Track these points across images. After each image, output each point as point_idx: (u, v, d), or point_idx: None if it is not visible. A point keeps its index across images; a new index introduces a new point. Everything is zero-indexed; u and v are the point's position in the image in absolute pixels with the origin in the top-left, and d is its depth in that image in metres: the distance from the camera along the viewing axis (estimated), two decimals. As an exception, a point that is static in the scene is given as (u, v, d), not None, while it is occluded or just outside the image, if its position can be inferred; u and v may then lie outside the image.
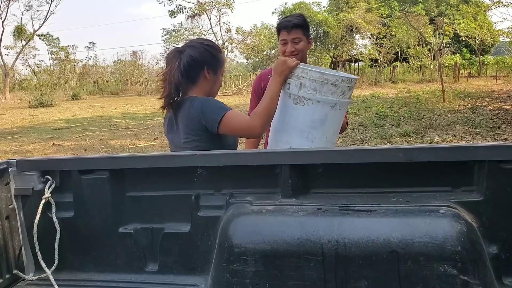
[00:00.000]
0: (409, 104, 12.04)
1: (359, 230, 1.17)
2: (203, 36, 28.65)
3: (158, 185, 1.44)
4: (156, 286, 1.40)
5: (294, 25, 2.07)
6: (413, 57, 27.72)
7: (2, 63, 26.47)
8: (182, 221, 1.42)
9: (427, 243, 1.10)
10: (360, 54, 28.41)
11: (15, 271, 1.47)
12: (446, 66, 25.04)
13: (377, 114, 9.98)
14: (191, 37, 28.27)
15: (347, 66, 32.18)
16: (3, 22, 26.66)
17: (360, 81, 24.52)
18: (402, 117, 9.43)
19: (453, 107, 10.75)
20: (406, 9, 21.20)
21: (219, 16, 28.16)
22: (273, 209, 1.28)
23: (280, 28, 2.12)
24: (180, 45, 1.98)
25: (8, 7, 26.54)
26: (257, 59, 30.91)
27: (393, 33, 26.43)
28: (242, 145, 2.48)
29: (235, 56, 32.54)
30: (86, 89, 27.90)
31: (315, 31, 25.05)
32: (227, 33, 29.00)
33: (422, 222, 1.14)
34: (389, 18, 27.27)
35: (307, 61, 2.22)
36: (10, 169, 1.48)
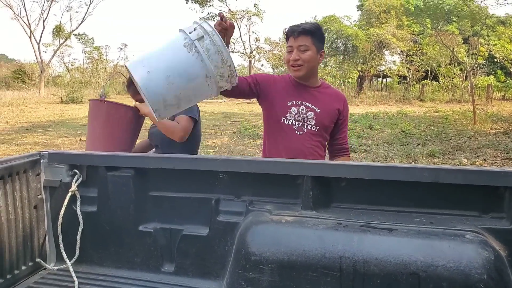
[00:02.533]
0: (437, 124, 11.75)
1: (380, 248, 1.14)
2: (231, 45, 29.00)
3: (180, 186, 1.46)
4: (171, 287, 1.41)
5: (302, 30, 1.80)
6: (444, 76, 27.12)
7: (40, 60, 27.62)
8: (200, 224, 1.43)
9: (451, 268, 1.06)
10: (388, 70, 28.02)
11: (38, 260, 1.52)
12: (479, 87, 24.34)
13: (403, 131, 9.79)
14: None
15: (375, 81, 31.79)
16: (44, 21, 27.88)
17: (387, 97, 24.15)
18: (429, 137, 9.20)
19: (484, 130, 10.41)
20: (439, 27, 20.78)
21: (249, 25, 28.48)
22: (292, 220, 1.27)
23: (287, 33, 1.87)
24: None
25: (50, 7, 27.76)
26: (283, 69, 30.97)
27: (424, 50, 25.96)
28: (261, 152, 2.25)
29: (262, 65, 32.77)
30: (115, 89, 28.67)
31: (344, 45, 24.94)
32: (255, 42, 29.28)
33: (447, 246, 1.10)
34: (421, 35, 26.84)
35: (318, 76, 1.95)
36: (42, 161, 1.53)
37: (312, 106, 1.87)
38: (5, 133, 9.58)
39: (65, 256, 1.48)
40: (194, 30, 1.51)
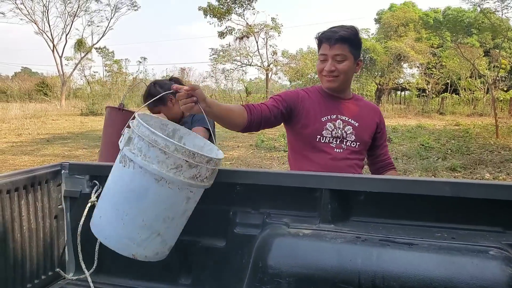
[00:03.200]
0: (457, 138, 11.51)
1: (399, 263, 1.12)
2: (249, 58, 29.36)
3: None
4: None
5: (340, 37, 1.60)
6: (464, 89, 26.64)
7: (61, 73, 28.52)
8: (218, 237, 1.43)
9: (473, 285, 1.03)
10: (407, 83, 27.74)
11: (57, 270, 1.54)
12: (501, 101, 23.79)
13: (423, 145, 9.62)
14: (238, 58, 29.06)
15: (393, 95, 31.49)
16: (66, 35, 28.89)
17: (406, 110, 23.84)
18: (449, 150, 9.01)
19: (507, 144, 10.12)
20: (458, 40, 20.52)
21: (267, 39, 28.77)
22: (310, 233, 1.26)
23: (321, 39, 1.65)
24: (227, 65, 2.20)
25: (72, 22, 28.79)
26: (300, 82, 31.07)
27: (443, 63, 25.64)
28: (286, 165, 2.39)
29: (279, 78, 32.89)
30: (134, 101, 29.27)
31: (362, 57, 24.89)
32: (273, 55, 29.51)
33: (469, 262, 1.07)
34: (440, 48, 26.55)
35: (351, 87, 1.79)
36: (63, 172, 1.57)
37: (350, 120, 1.68)
38: (28, 144, 9.86)
39: (83, 266, 1.49)
40: (122, 136, 1.20)
